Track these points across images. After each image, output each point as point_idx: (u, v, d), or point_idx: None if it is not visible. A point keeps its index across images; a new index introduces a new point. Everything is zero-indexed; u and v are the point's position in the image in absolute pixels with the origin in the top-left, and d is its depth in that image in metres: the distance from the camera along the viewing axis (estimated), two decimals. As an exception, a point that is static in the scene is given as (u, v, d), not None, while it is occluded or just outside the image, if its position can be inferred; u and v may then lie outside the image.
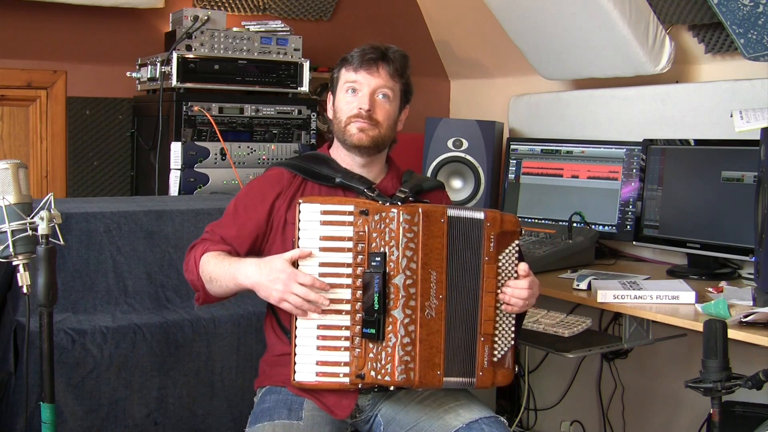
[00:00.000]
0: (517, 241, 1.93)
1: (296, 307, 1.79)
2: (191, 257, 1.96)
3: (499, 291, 1.90)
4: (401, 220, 1.81)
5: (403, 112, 2.08)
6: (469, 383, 1.88)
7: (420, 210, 1.83)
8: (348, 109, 1.99)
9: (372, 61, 1.98)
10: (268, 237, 2.00)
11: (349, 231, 1.83)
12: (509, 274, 1.92)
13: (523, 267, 1.92)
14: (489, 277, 1.89)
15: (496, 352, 1.90)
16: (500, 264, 1.90)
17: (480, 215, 1.90)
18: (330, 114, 2.08)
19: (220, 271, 1.89)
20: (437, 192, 2.16)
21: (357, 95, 1.99)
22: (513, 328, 1.93)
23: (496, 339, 1.90)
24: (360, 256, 1.83)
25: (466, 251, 1.88)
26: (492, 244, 1.89)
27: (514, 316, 1.93)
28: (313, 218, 1.83)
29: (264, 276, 1.81)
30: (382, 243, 1.82)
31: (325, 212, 1.84)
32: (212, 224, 2.03)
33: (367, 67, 1.98)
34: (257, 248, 2.00)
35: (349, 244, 1.83)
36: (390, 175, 2.11)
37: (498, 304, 1.90)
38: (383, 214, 1.82)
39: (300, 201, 1.85)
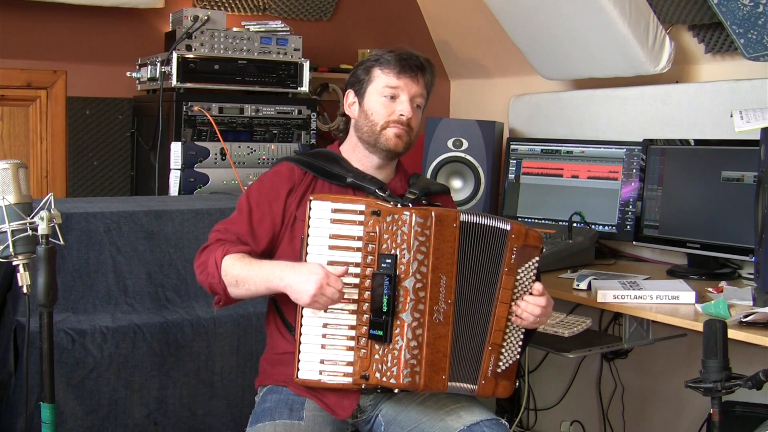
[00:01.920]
0: (537, 258, 1.93)
1: (322, 305, 1.78)
2: (210, 259, 1.89)
3: (513, 303, 1.90)
4: (414, 222, 1.80)
5: None
6: (470, 390, 1.89)
7: (433, 214, 1.82)
8: (386, 113, 1.98)
9: (415, 69, 1.98)
10: (279, 234, 1.98)
11: (359, 230, 1.83)
12: (525, 289, 1.91)
13: (537, 287, 1.91)
14: (505, 288, 1.89)
15: (501, 363, 1.90)
16: (518, 277, 1.90)
17: (506, 226, 1.89)
18: (352, 113, 2.05)
19: (248, 274, 1.84)
20: (443, 196, 2.16)
21: (396, 101, 1.98)
22: (521, 343, 1.93)
23: (503, 350, 1.90)
24: (369, 257, 1.82)
25: (482, 258, 1.88)
26: (513, 256, 1.89)
27: (523, 330, 1.93)
28: (323, 216, 1.83)
29: (300, 276, 1.77)
30: (394, 245, 1.81)
31: (336, 210, 1.83)
32: (224, 222, 1.98)
33: (411, 74, 1.98)
34: (273, 246, 1.97)
35: (359, 244, 1.82)
36: (398, 176, 2.11)
37: (509, 316, 1.90)
38: (395, 216, 1.81)
39: (311, 198, 1.84)
